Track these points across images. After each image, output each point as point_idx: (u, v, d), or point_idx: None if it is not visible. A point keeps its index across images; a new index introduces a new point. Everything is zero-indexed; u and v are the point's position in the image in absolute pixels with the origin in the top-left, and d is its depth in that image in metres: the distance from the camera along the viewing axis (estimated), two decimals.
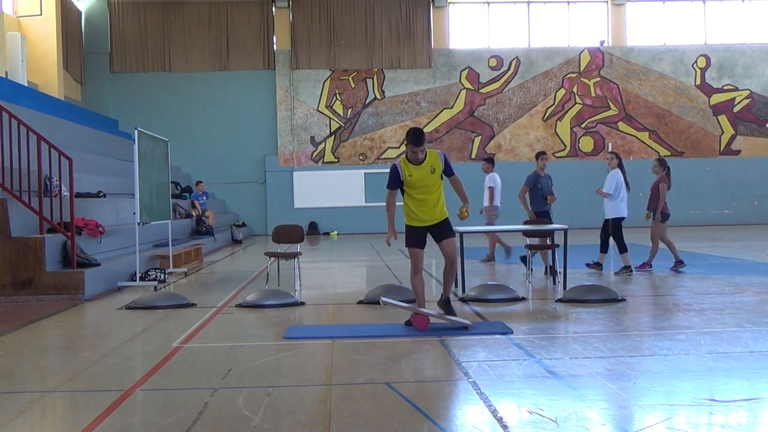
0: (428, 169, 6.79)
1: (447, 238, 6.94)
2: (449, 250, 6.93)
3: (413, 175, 6.79)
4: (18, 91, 15.13)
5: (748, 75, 25.06)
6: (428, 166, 6.78)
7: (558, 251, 9.87)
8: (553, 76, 24.79)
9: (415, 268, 6.96)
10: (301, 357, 5.88)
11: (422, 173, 6.78)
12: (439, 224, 6.95)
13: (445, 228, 6.98)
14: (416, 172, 6.79)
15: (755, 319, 7.06)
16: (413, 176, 6.79)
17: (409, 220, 6.99)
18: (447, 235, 6.95)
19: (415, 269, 6.97)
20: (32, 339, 6.93)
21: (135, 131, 10.64)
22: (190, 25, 24.04)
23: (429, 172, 6.79)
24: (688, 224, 24.26)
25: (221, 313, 8.07)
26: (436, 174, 6.81)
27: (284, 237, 10.32)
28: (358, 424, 4.09)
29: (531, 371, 5.20)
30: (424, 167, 6.78)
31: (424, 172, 6.78)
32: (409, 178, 6.80)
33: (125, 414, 4.39)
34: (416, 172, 6.79)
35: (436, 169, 6.80)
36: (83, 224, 10.30)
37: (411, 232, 6.98)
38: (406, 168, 6.83)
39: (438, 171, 6.81)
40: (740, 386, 4.73)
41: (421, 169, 6.78)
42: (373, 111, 24.39)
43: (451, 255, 6.94)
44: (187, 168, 23.26)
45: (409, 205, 6.94)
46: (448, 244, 6.93)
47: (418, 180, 6.79)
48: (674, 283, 9.86)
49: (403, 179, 6.83)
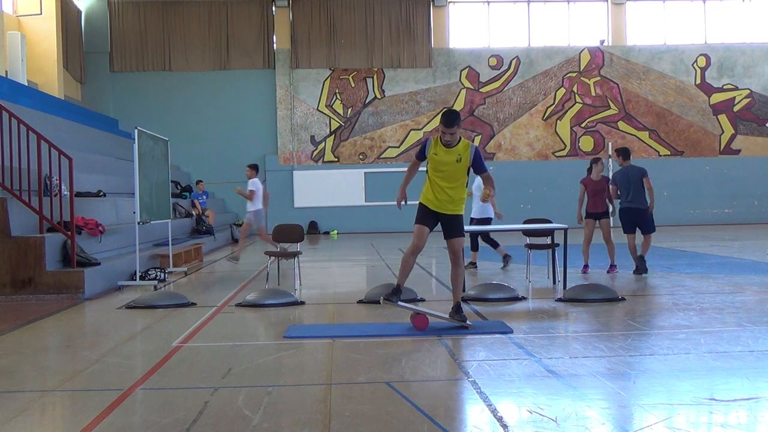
0: (455, 156, 6.60)
1: (456, 237, 6.75)
2: (455, 248, 6.75)
3: (438, 155, 6.62)
4: (18, 90, 15.13)
5: (748, 74, 25.06)
6: (456, 154, 6.60)
7: (558, 251, 9.87)
8: (553, 76, 24.79)
9: (415, 248, 6.68)
10: (301, 356, 5.88)
11: (448, 158, 6.60)
12: (452, 218, 6.75)
13: (457, 226, 6.76)
14: (443, 154, 6.61)
15: (755, 318, 7.06)
16: (438, 156, 6.62)
17: (424, 198, 6.79)
18: (456, 234, 6.74)
19: (414, 249, 6.68)
20: (32, 338, 6.93)
21: (135, 130, 10.64)
22: (190, 25, 24.04)
23: (455, 159, 6.60)
24: (688, 224, 24.30)
25: (221, 312, 8.07)
26: (462, 164, 6.61)
27: (284, 236, 10.33)
28: (357, 423, 4.09)
29: (531, 370, 5.19)
30: (451, 152, 6.59)
31: (450, 157, 6.60)
32: (434, 157, 6.64)
33: (125, 413, 4.39)
34: (443, 154, 6.61)
35: (462, 159, 6.60)
36: (83, 223, 10.30)
37: (421, 209, 6.78)
38: (435, 146, 6.66)
39: (464, 162, 6.62)
40: (740, 385, 4.73)
41: (448, 154, 6.60)
42: (373, 110, 24.38)
43: (457, 254, 6.76)
44: (187, 167, 23.26)
45: (428, 186, 6.78)
46: (455, 243, 6.74)
47: (442, 163, 6.62)
48: (674, 282, 9.86)
49: (428, 156, 6.69)
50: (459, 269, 6.83)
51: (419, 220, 6.75)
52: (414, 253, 6.71)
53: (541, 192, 24.03)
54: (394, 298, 6.69)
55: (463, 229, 6.84)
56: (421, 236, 6.68)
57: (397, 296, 6.71)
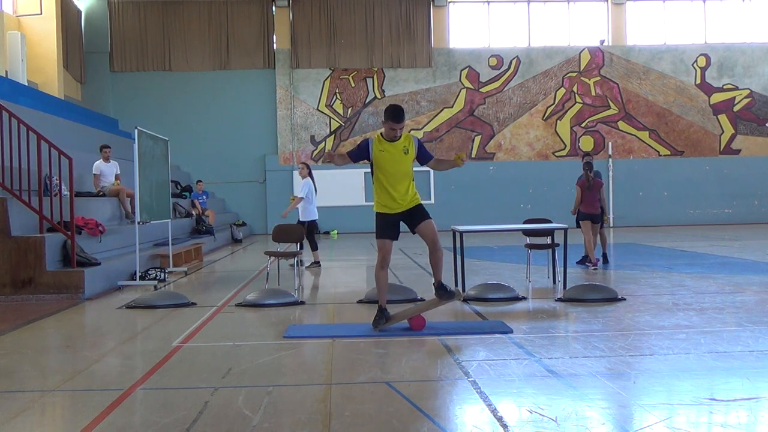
0: (401, 149, 6.53)
1: (423, 221, 6.56)
2: (429, 233, 6.55)
3: (385, 150, 6.52)
4: (18, 90, 15.14)
5: (748, 74, 25.06)
6: (401, 146, 6.54)
7: (558, 251, 9.86)
8: (553, 76, 24.79)
9: (383, 261, 6.58)
10: (301, 356, 5.88)
11: (395, 150, 6.52)
12: (412, 209, 6.61)
13: (419, 212, 6.61)
14: (389, 148, 6.53)
15: (755, 318, 7.06)
16: (384, 152, 6.52)
17: (379, 206, 6.65)
18: (422, 218, 6.57)
19: (382, 262, 6.59)
20: (32, 338, 6.93)
21: (135, 130, 10.64)
22: (190, 25, 24.05)
23: (402, 152, 6.52)
24: (688, 223, 24.31)
25: (221, 312, 8.07)
26: (409, 156, 6.55)
27: (284, 236, 10.32)
28: (358, 423, 4.08)
29: (531, 370, 5.19)
30: (397, 145, 6.53)
31: (397, 150, 6.53)
32: (379, 153, 6.53)
33: (125, 413, 4.39)
34: (389, 148, 6.53)
35: (409, 150, 6.54)
36: (83, 223, 10.30)
37: (381, 220, 6.64)
38: (378, 143, 6.58)
39: (411, 154, 6.56)
40: (740, 385, 4.72)
41: (394, 147, 6.53)
42: (373, 110, 24.38)
43: (433, 238, 6.59)
44: (187, 167, 23.27)
45: (378, 191, 6.66)
46: (426, 227, 6.55)
47: (389, 159, 6.52)
48: (674, 282, 9.86)
49: (372, 156, 6.57)
50: (438, 252, 6.65)
51: (381, 234, 6.63)
52: (384, 267, 6.65)
53: (541, 192, 24.03)
54: (383, 322, 6.64)
55: (427, 212, 6.69)
56: (388, 251, 6.62)
57: (383, 319, 6.65)
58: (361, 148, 6.65)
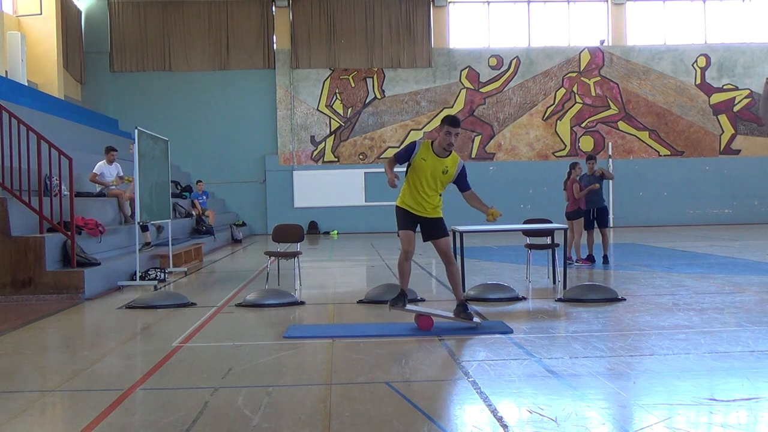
0: (442, 168, 6.55)
1: (441, 238, 6.70)
2: (444, 248, 6.71)
3: (427, 161, 6.53)
4: (18, 90, 15.14)
5: (748, 74, 25.05)
6: (444, 165, 6.56)
7: (558, 251, 9.87)
8: (553, 76, 24.79)
9: (406, 253, 6.61)
10: (301, 356, 5.88)
11: (436, 165, 6.54)
12: (432, 221, 6.72)
13: (439, 227, 6.73)
14: (432, 161, 6.53)
15: (755, 318, 7.06)
16: (426, 162, 6.53)
17: (402, 203, 6.75)
18: (441, 235, 6.70)
19: (405, 254, 6.62)
20: (32, 338, 6.93)
21: (135, 130, 10.64)
22: (190, 25, 24.04)
23: (441, 171, 6.55)
24: (688, 224, 24.31)
25: (221, 312, 8.07)
26: (447, 177, 6.59)
27: (284, 236, 10.32)
28: (358, 423, 4.08)
29: (531, 370, 5.19)
30: (441, 162, 6.54)
31: (437, 166, 6.54)
32: (420, 161, 6.54)
33: (125, 413, 4.39)
34: (432, 161, 6.53)
35: (448, 172, 6.57)
36: (83, 223, 10.30)
37: (401, 213, 6.74)
38: (425, 151, 6.57)
39: (450, 174, 6.59)
40: (740, 386, 4.72)
41: (437, 161, 6.54)
42: (373, 110, 24.39)
43: (447, 252, 6.73)
44: (187, 167, 23.27)
45: (406, 191, 6.73)
46: (443, 243, 6.71)
47: (428, 169, 6.53)
48: (674, 282, 9.86)
49: (413, 159, 6.57)
50: (453, 268, 6.83)
51: (403, 226, 6.69)
52: (407, 258, 6.68)
53: (541, 192, 24.01)
54: (401, 303, 6.70)
55: (446, 229, 6.83)
56: (409, 241, 6.65)
57: (403, 301, 6.72)
58: (408, 150, 6.69)
